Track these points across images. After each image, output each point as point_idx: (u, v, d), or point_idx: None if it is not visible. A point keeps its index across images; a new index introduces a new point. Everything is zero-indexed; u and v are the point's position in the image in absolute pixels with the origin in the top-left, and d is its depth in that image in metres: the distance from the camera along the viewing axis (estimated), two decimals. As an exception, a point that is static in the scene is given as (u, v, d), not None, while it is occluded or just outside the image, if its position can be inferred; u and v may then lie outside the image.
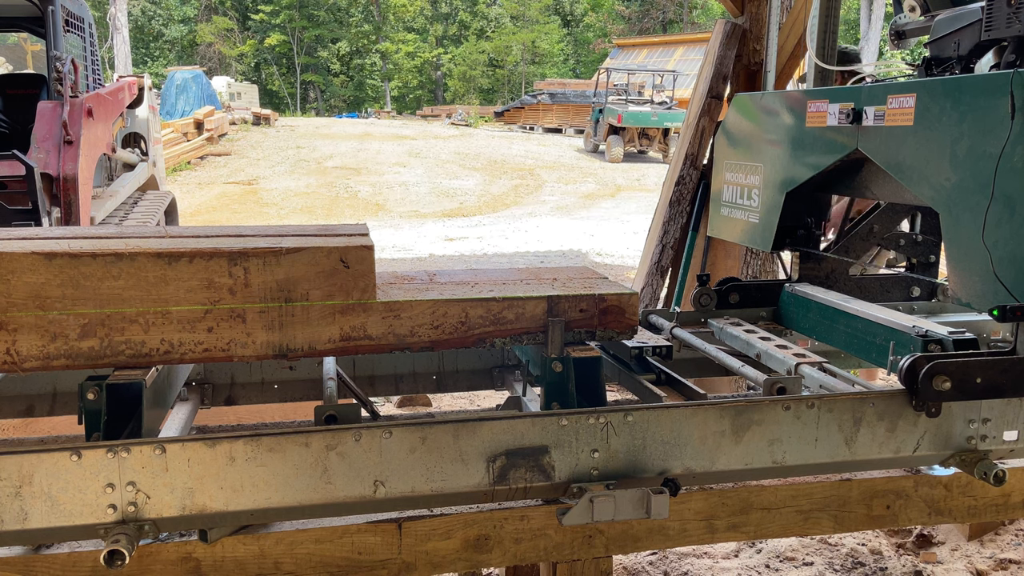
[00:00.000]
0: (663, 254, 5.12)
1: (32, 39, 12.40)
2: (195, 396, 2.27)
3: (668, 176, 5.29)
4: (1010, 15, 2.02)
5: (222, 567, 1.63)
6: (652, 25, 43.52)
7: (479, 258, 10.62)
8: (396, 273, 2.13)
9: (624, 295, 1.90)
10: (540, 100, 31.03)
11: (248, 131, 24.90)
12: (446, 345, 1.81)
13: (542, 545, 1.76)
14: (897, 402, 1.77)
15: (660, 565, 3.20)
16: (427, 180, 18.55)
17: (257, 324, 1.67)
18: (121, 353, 1.63)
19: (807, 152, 2.39)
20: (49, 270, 1.57)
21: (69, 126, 5.29)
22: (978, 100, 1.80)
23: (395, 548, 1.69)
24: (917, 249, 2.75)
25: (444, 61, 49.43)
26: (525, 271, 2.14)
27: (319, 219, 14.32)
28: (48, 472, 1.45)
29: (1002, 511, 2.02)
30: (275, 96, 46.77)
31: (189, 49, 46.36)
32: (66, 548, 1.58)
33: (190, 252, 1.62)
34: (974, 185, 1.81)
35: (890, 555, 3.26)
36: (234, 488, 1.52)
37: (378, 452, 1.57)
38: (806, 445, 1.74)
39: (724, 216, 2.81)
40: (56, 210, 5.15)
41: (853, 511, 1.91)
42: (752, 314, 2.58)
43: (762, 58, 4.83)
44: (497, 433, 1.61)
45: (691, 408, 1.70)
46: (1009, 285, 1.73)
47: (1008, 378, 1.73)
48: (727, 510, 1.85)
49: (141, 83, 7.59)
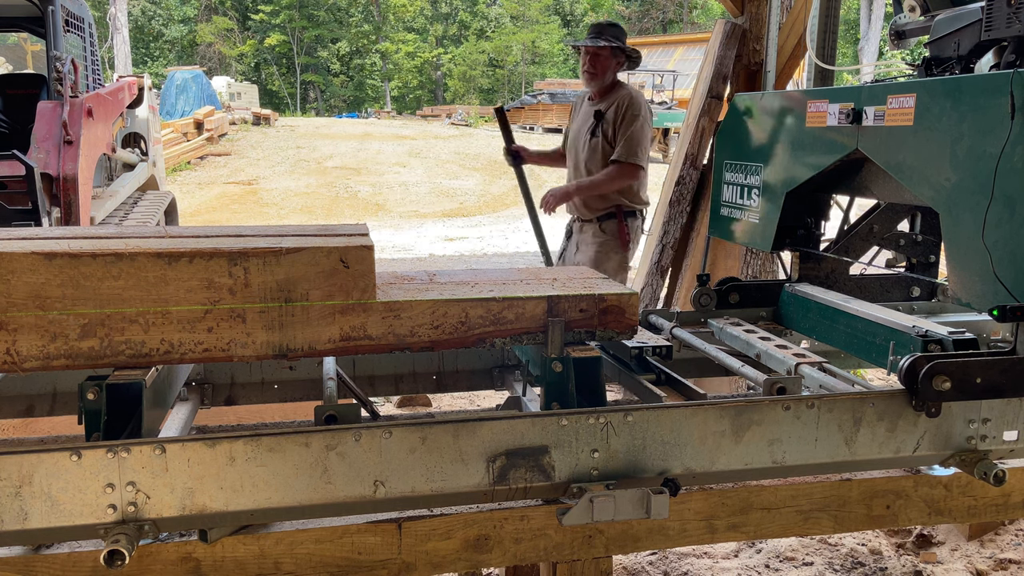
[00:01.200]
0: (663, 254, 5.12)
1: (32, 39, 12.39)
2: (195, 396, 2.27)
3: (668, 176, 5.29)
4: (1010, 15, 2.02)
5: (222, 567, 1.63)
6: (652, 25, 43.54)
7: (479, 258, 10.62)
8: (396, 273, 2.13)
9: (624, 295, 1.90)
10: (540, 100, 31.03)
11: (248, 131, 24.90)
12: (446, 345, 1.81)
13: (542, 545, 1.76)
14: (897, 402, 1.77)
15: (660, 565, 3.20)
16: (427, 180, 18.55)
17: (257, 324, 1.67)
18: (121, 353, 1.63)
19: (807, 152, 2.39)
20: (49, 270, 1.57)
21: (69, 126, 5.29)
22: (978, 100, 1.80)
23: (395, 548, 1.70)
24: (917, 249, 2.75)
25: (444, 61, 49.43)
26: (525, 271, 2.14)
27: (319, 219, 14.32)
28: (48, 472, 1.45)
29: (1002, 511, 2.02)
30: (275, 96, 46.78)
31: (189, 49, 46.37)
32: (66, 548, 1.58)
33: (190, 252, 1.62)
34: (974, 185, 1.81)
35: (890, 555, 3.26)
36: (234, 488, 1.52)
37: (378, 452, 1.57)
38: (806, 445, 1.75)
39: (724, 216, 2.81)
40: (56, 210, 5.15)
41: (853, 511, 1.91)
42: (752, 314, 2.58)
43: (762, 58, 4.84)
44: (497, 433, 1.61)
45: (691, 408, 1.70)
46: (1009, 285, 1.73)
47: (1008, 378, 1.73)
48: (727, 510, 1.85)
49: (141, 83, 7.59)
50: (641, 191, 4.30)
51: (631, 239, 4.28)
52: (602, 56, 4.15)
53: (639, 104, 4.15)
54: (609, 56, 4.16)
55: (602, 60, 4.17)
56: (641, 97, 4.21)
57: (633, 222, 4.29)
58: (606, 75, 4.20)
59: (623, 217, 4.25)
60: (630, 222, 4.27)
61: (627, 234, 4.25)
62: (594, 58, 4.16)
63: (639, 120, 4.12)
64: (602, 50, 4.14)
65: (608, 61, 4.17)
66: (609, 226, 4.26)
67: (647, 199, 4.39)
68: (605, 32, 4.18)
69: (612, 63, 4.19)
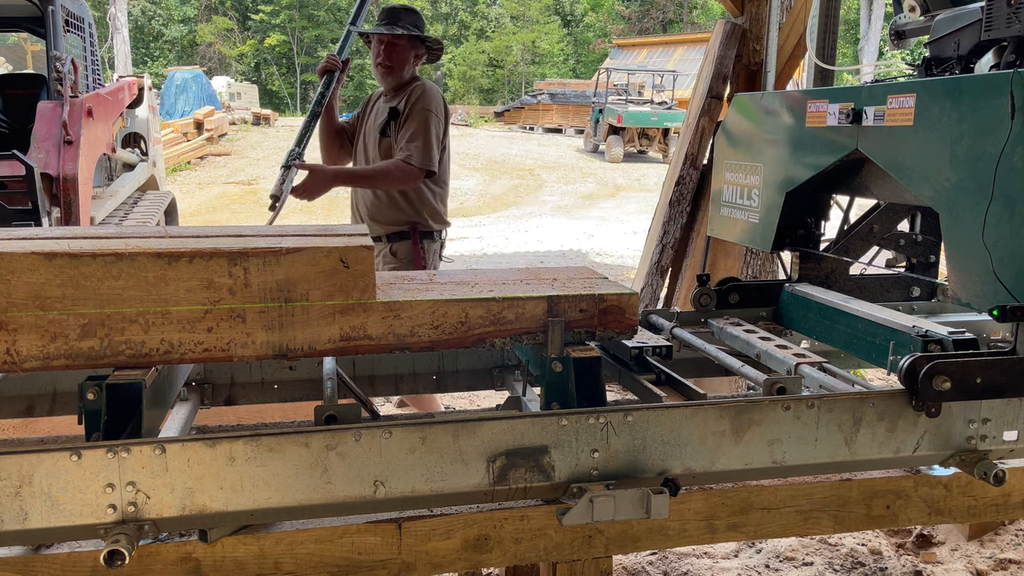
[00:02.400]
0: (663, 254, 5.13)
1: (32, 39, 12.39)
2: (195, 396, 2.27)
3: (668, 176, 5.29)
4: (1010, 15, 2.02)
5: (222, 567, 1.63)
6: (652, 25, 43.53)
7: (479, 258, 10.63)
8: (396, 273, 2.13)
9: (624, 295, 1.90)
10: (540, 100, 31.03)
11: (248, 131, 24.90)
12: (446, 345, 1.81)
13: (542, 545, 1.76)
14: (897, 402, 1.77)
15: (660, 565, 3.20)
16: (427, 180, 18.53)
17: (257, 324, 1.67)
18: (121, 353, 1.63)
19: (807, 152, 2.39)
20: (49, 270, 1.57)
21: (69, 126, 5.29)
22: (978, 100, 1.80)
23: (395, 548, 1.70)
24: (917, 249, 2.75)
25: (444, 61, 49.43)
26: (525, 271, 2.14)
27: (319, 219, 14.31)
28: (48, 472, 1.45)
29: (1002, 511, 2.02)
30: (275, 96, 46.76)
31: (189, 49, 46.36)
32: (66, 548, 1.58)
33: (190, 252, 1.62)
34: (974, 185, 1.81)
35: (890, 555, 3.26)
36: (234, 488, 1.52)
37: (378, 452, 1.57)
38: (806, 445, 1.74)
39: (724, 216, 2.81)
40: (56, 210, 5.15)
41: (853, 511, 1.91)
42: (752, 314, 2.58)
43: (762, 58, 4.84)
44: (497, 433, 1.61)
45: (691, 408, 1.70)
46: (1009, 285, 1.73)
47: (1008, 378, 1.73)
48: (727, 510, 1.85)
49: (141, 83, 7.60)
50: (441, 206, 3.68)
51: (427, 265, 3.63)
52: (399, 47, 3.59)
53: (430, 98, 3.57)
54: (407, 47, 3.61)
55: (399, 51, 3.60)
56: (437, 93, 3.64)
57: (431, 245, 3.67)
58: (404, 68, 3.63)
59: (419, 239, 3.62)
60: (427, 244, 3.65)
61: (423, 259, 3.63)
62: (390, 49, 3.59)
63: (430, 116, 3.52)
64: (399, 39, 3.58)
65: (406, 52, 3.61)
66: (402, 248, 3.63)
67: (449, 220, 3.76)
68: (401, 18, 3.60)
69: (411, 55, 3.63)
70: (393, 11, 3.62)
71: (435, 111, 3.55)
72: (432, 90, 3.61)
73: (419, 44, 3.65)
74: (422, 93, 3.56)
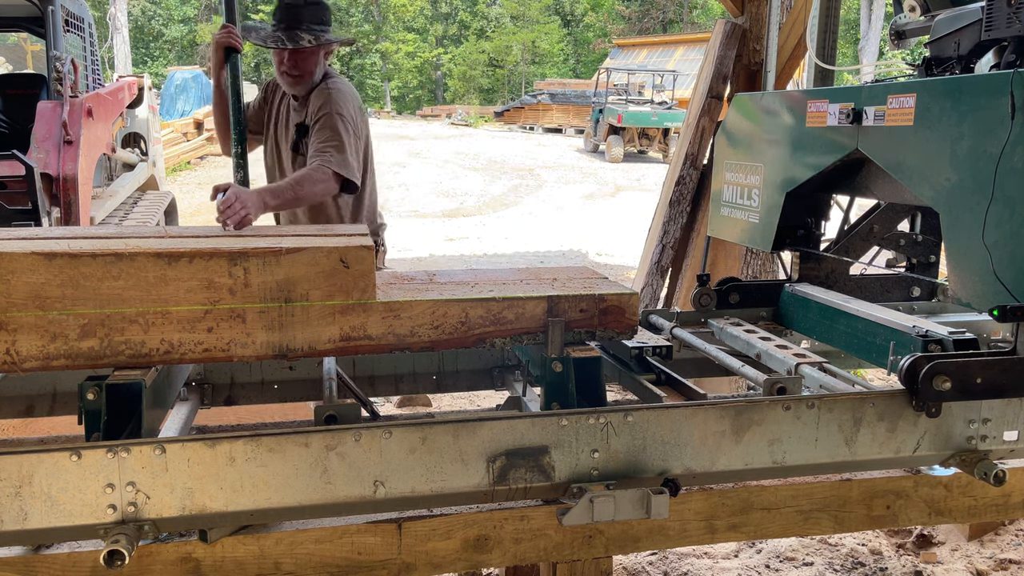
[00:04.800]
0: (663, 254, 5.13)
1: (32, 39, 12.40)
2: (195, 396, 2.27)
3: (668, 176, 5.30)
4: (1010, 15, 2.02)
5: (222, 567, 1.63)
6: (652, 25, 43.52)
7: (479, 258, 10.62)
8: (396, 273, 2.13)
9: (624, 295, 1.90)
10: (540, 100, 31.01)
11: (248, 131, 24.83)
12: (446, 345, 1.81)
13: (542, 545, 1.76)
14: (897, 402, 1.77)
15: (660, 565, 3.20)
16: (427, 180, 18.54)
17: (257, 324, 1.67)
18: (121, 353, 1.63)
19: (807, 152, 2.39)
20: (49, 270, 1.57)
21: (69, 126, 5.29)
22: (978, 100, 1.80)
23: (395, 548, 1.70)
24: (917, 249, 2.75)
25: (444, 61, 49.43)
26: (525, 271, 2.14)
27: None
28: (48, 472, 1.45)
29: (1002, 511, 2.02)
30: (275, 96, 46.72)
31: (189, 49, 46.35)
32: (66, 548, 1.58)
33: (190, 252, 1.62)
34: (974, 185, 1.81)
35: (890, 555, 3.26)
36: (234, 488, 1.52)
37: (378, 452, 1.57)
38: (806, 445, 1.74)
39: (724, 216, 2.81)
40: (56, 210, 5.16)
41: (853, 511, 1.91)
42: (752, 314, 2.58)
43: (762, 58, 4.84)
44: (497, 433, 1.61)
45: (691, 408, 1.70)
46: (1009, 285, 1.73)
47: (1008, 378, 1.73)
48: (727, 510, 1.85)
49: (141, 83, 7.61)
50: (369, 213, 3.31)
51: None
52: (305, 51, 3.11)
53: (343, 100, 3.11)
54: (315, 50, 3.13)
55: (305, 56, 3.11)
56: (349, 94, 3.17)
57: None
58: (314, 73, 3.15)
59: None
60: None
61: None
62: (294, 56, 3.10)
63: (342, 119, 3.06)
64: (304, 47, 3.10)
65: (314, 55, 3.13)
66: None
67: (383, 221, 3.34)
68: (303, 19, 3.08)
69: (319, 56, 3.15)
70: (293, 10, 3.10)
71: (348, 115, 3.10)
72: (342, 91, 3.14)
73: (327, 43, 3.17)
74: (327, 97, 3.09)
